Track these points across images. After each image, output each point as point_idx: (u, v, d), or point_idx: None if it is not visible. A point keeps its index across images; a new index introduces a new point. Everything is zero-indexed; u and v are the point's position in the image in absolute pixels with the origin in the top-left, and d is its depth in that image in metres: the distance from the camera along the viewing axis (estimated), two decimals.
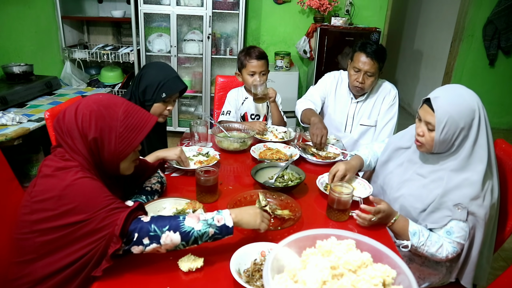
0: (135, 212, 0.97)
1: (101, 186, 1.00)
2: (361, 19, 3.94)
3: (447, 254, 1.28)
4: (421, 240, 1.27)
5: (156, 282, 0.98)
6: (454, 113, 1.24)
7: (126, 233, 0.93)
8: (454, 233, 1.28)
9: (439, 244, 1.28)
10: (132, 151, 1.08)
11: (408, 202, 1.39)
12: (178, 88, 1.68)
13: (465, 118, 1.25)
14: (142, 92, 1.64)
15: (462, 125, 1.25)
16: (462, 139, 1.27)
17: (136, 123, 1.07)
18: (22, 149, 2.57)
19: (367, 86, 2.00)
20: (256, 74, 2.08)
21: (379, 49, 1.94)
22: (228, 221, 1.01)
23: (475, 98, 1.28)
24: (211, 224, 0.99)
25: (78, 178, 0.96)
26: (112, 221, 0.92)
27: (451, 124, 1.25)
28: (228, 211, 1.04)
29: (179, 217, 0.99)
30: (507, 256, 2.33)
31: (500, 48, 4.33)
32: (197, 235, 0.97)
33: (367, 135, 2.18)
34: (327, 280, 0.75)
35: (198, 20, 3.64)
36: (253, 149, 1.78)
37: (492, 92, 4.55)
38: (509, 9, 4.09)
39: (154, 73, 1.65)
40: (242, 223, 1.05)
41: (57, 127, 1.03)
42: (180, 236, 0.96)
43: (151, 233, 0.94)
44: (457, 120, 1.24)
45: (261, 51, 2.10)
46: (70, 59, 3.65)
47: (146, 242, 0.94)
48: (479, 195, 1.25)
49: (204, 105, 3.88)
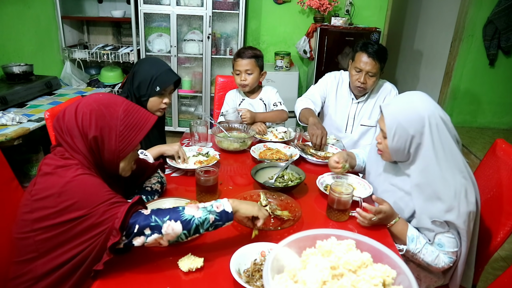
0: (135, 206, 0.97)
1: (101, 182, 1.00)
2: (361, 19, 3.94)
3: (443, 265, 1.29)
4: (417, 247, 1.27)
5: (156, 282, 0.98)
6: (402, 120, 1.23)
7: (127, 226, 0.93)
8: (444, 245, 1.28)
9: (435, 255, 1.28)
10: (132, 149, 1.08)
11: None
12: (171, 79, 1.69)
13: (414, 125, 1.22)
14: (137, 88, 1.66)
15: (412, 133, 1.22)
16: (417, 147, 1.24)
17: (136, 122, 1.07)
18: (22, 149, 2.57)
19: (368, 86, 2.00)
20: (242, 73, 2.08)
21: (381, 49, 1.94)
22: (227, 207, 1.02)
23: (428, 105, 1.24)
24: (210, 211, 1.00)
25: (78, 175, 0.96)
26: (112, 215, 0.92)
27: (401, 132, 1.23)
28: (226, 199, 1.05)
29: (178, 208, 1.00)
30: (507, 256, 2.32)
31: (500, 48, 4.33)
32: (198, 222, 0.98)
33: (368, 135, 2.18)
34: (327, 280, 0.75)
35: (198, 20, 3.64)
36: (253, 149, 1.78)
37: (492, 92, 4.55)
38: (509, 9, 4.08)
39: (146, 68, 1.67)
40: (240, 208, 1.05)
41: (57, 126, 1.03)
42: (181, 224, 0.96)
43: (152, 224, 0.94)
44: (406, 127, 1.22)
45: (250, 50, 2.09)
46: (70, 59, 3.65)
47: (147, 233, 0.94)
48: (453, 205, 1.21)
49: (204, 105, 3.88)
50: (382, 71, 2.01)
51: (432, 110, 1.23)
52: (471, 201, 1.23)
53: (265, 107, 2.24)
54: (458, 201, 1.21)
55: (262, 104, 2.23)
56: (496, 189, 1.43)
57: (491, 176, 1.47)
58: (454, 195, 1.22)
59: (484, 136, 4.36)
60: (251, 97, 2.23)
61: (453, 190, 1.22)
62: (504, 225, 1.34)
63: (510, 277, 1.10)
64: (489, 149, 1.52)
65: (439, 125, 1.22)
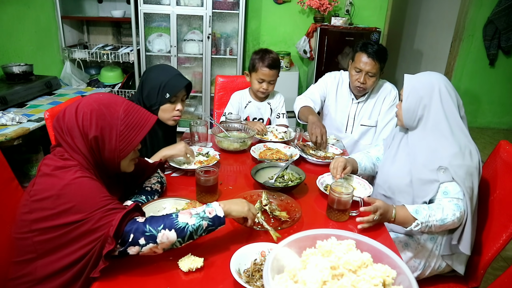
0: (131, 213, 0.97)
1: (99, 186, 0.99)
2: (361, 19, 3.94)
3: (454, 213, 1.28)
4: (425, 213, 1.26)
5: (156, 282, 0.97)
6: (416, 83, 1.45)
7: (121, 234, 0.93)
8: (450, 192, 1.31)
9: (441, 208, 1.29)
10: (132, 149, 1.08)
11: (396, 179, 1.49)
12: (181, 84, 1.61)
13: (425, 88, 1.42)
14: (146, 97, 1.60)
15: (422, 94, 1.42)
16: (423, 108, 1.42)
17: (137, 122, 1.07)
18: (22, 149, 2.57)
19: (368, 86, 2.00)
20: (264, 82, 2.08)
21: (380, 49, 1.94)
22: (219, 212, 1.04)
23: (441, 78, 1.44)
24: (203, 217, 1.01)
25: (77, 178, 0.96)
26: (107, 222, 0.92)
27: (413, 93, 1.44)
28: (217, 203, 1.06)
29: (172, 215, 1.00)
30: (507, 256, 2.32)
31: (500, 48, 4.33)
32: (192, 229, 0.99)
33: (368, 135, 2.18)
34: (327, 280, 0.75)
35: (198, 20, 3.64)
36: (253, 149, 1.78)
37: (492, 92, 4.55)
38: (509, 9, 4.09)
39: (155, 75, 1.60)
40: (231, 211, 1.08)
41: (57, 126, 1.03)
42: (175, 233, 0.96)
43: (147, 233, 0.94)
44: (418, 88, 1.43)
45: (275, 59, 2.08)
46: (70, 59, 3.65)
47: (142, 243, 0.94)
48: (457, 151, 1.35)
49: (204, 105, 3.88)
50: (382, 71, 2.01)
51: (441, 81, 1.43)
52: (474, 160, 1.36)
53: (271, 112, 2.23)
54: (463, 152, 1.35)
55: (269, 109, 2.22)
56: (499, 190, 1.42)
57: (494, 178, 1.47)
58: (460, 149, 1.36)
59: (484, 136, 4.36)
60: (258, 100, 2.22)
61: (458, 145, 1.36)
62: (507, 227, 1.33)
63: (510, 277, 1.10)
64: (493, 151, 1.52)
65: (443, 93, 1.41)
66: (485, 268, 1.40)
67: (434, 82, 1.42)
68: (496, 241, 1.36)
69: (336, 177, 1.49)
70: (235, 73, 3.78)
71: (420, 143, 1.45)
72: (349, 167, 1.52)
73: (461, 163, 1.33)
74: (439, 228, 1.29)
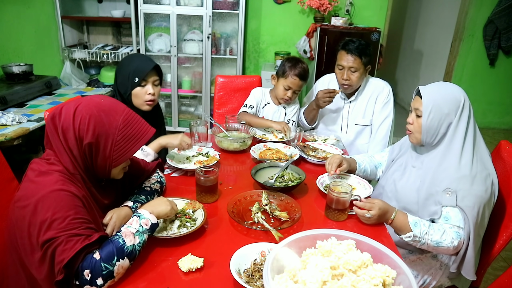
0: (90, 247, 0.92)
1: (73, 203, 0.95)
2: (361, 19, 3.94)
3: (452, 241, 1.24)
4: (423, 229, 1.25)
5: (156, 282, 0.97)
6: (439, 99, 1.33)
7: (76, 268, 0.89)
8: (451, 218, 1.28)
9: (442, 231, 1.25)
10: (125, 160, 1.07)
11: (404, 195, 1.43)
12: (148, 66, 1.62)
13: (449, 105, 1.32)
14: (120, 84, 1.65)
15: (447, 111, 1.32)
16: (448, 127, 1.33)
17: (134, 133, 1.06)
18: (21, 149, 2.57)
19: (354, 82, 2.02)
20: (290, 90, 2.08)
21: (360, 45, 1.98)
22: (153, 219, 1.07)
23: (462, 92, 1.35)
24: (143, 231, 1.03)
25: (54, 191, 0.93)
26: (66, 249, 0.88)
27: (436, 109, 1.32)
28: (145, 210, 1.07)
29: (119, 241, 0.96)
30: (507, 256, 2.32)
31: (500, 48, 4.33)
32: (139, 247, 1.00)
33: (363, 134, 2.18)
34: (327, 280, 0.75)
35: (198, 20, 3.64)
36: (253, 149, 1.78)
37: (492, 92, 4.55)
38: (509, 9, 4.09)
39: (125, 63, 1.66)
40: (159, 213, 1.10)
41: (51, 124, 1.00)
42: (128, 258, 0.96)
43: (104, 272, 0.91)
44: (441, 105, 1.32)
45: (306, 70, 2.11)
46: (70, 59, 3.65)
47: (100, 283, 0.91)
48: (467, 175, 1.27)
49: (204, 105, 3.88)
50: (367, 66, 2.02)
51: (466, 97, 1.35)
52: (488, 186, 1.27)
53: (284, 116, 2.22)
54: (474, 176, 1.27)
55: (284, 113, 2.21)
56: (500, 190, 1.42)
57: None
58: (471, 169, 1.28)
59: (484, 136, 4.32)
60: (276, 103, 2.21)
61: (475, 168, 1.28)
62: (507, 227, 1.33)
63: (510, 277, 1.10)
64: (493, 151, 1.52)
65: (471, 113, 1.35)
66: (485, 268, 1.40)
67: (458, 98, 1.33)
68: (497, 242, 1.36)
69: (330, 173, 1.50)
70: (235, 73, 3.79)
71: (433, 160, 1.37)
72: (345, 165, 1.53)
73: (470, 187, 1.25)
74: (432, 249, 1.28)
